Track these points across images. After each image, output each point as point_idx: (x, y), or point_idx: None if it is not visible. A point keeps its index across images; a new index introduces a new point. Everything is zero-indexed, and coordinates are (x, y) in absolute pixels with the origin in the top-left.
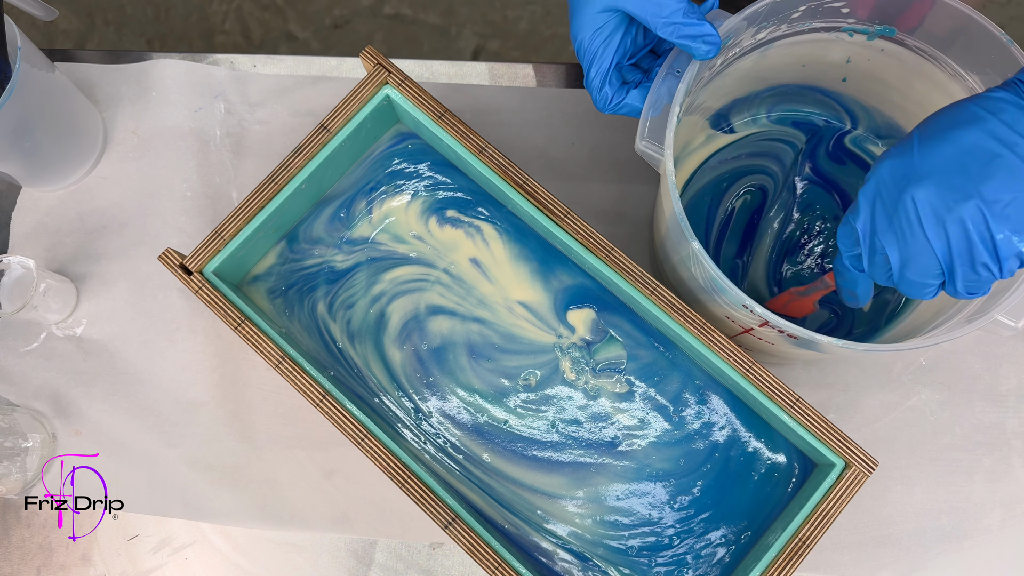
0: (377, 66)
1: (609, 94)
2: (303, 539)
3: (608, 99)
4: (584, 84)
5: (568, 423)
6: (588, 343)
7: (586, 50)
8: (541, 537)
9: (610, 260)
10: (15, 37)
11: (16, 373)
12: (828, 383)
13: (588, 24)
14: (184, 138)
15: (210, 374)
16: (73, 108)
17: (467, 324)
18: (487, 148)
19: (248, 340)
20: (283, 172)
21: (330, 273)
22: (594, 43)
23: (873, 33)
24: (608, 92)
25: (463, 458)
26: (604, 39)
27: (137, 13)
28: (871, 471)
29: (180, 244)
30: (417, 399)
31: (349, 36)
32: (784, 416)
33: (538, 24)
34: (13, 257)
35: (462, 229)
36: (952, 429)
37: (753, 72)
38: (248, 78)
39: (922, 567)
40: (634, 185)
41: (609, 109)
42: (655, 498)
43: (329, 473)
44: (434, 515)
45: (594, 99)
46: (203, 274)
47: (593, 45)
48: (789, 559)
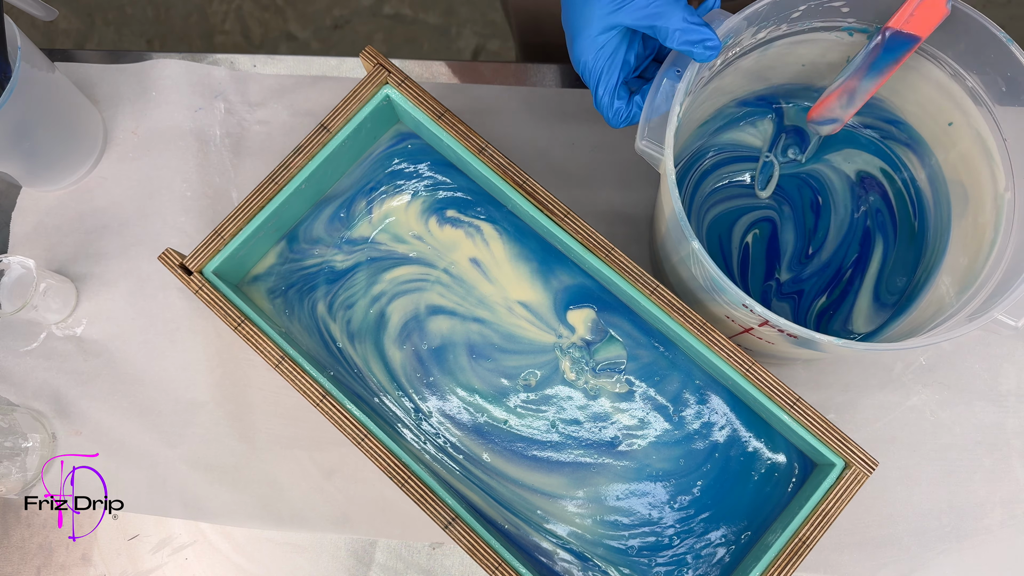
0: (377, 66)
1: (622, 109)
2: (303, 539)
3: (621, 114)
4: (594, 104)
5: (568, 423)
6: (588, 343)
7: (591, 71)
8: (541, 537)
9: (610, 260)
10: (15, 37)
11: (16, 373)
12: (828, 383)
13: (590, 46)
14: (184, 138)
15: (210, 374)
16: (73, 108)
17: (467, 324)
18: (487, 148)
19: (248, 340)
20: (283, 172)
21: (330, 273)
22: (599, 63)
23: (873, 33)
24: (620, 106)
25: (463, 458)
26: (608, 57)
27: (137, 13)
28: (871, 471)
29: (180, 244)
30: (417, 399)
31: (349, 36)
32: (784, 416)
33: None
34: (13, 257)
35: (462, 229)
36: (952, 429)
37: (753, 72)
38: (248, 78)
39: (922, 567)
40: (634, 185)
41: (623, 123)
42: (655, 498)
43: (329, 473)
44: (434, 515)
45: (607, 117)
46: (203, 274)
47: (598, 65)
48: (789, 559)
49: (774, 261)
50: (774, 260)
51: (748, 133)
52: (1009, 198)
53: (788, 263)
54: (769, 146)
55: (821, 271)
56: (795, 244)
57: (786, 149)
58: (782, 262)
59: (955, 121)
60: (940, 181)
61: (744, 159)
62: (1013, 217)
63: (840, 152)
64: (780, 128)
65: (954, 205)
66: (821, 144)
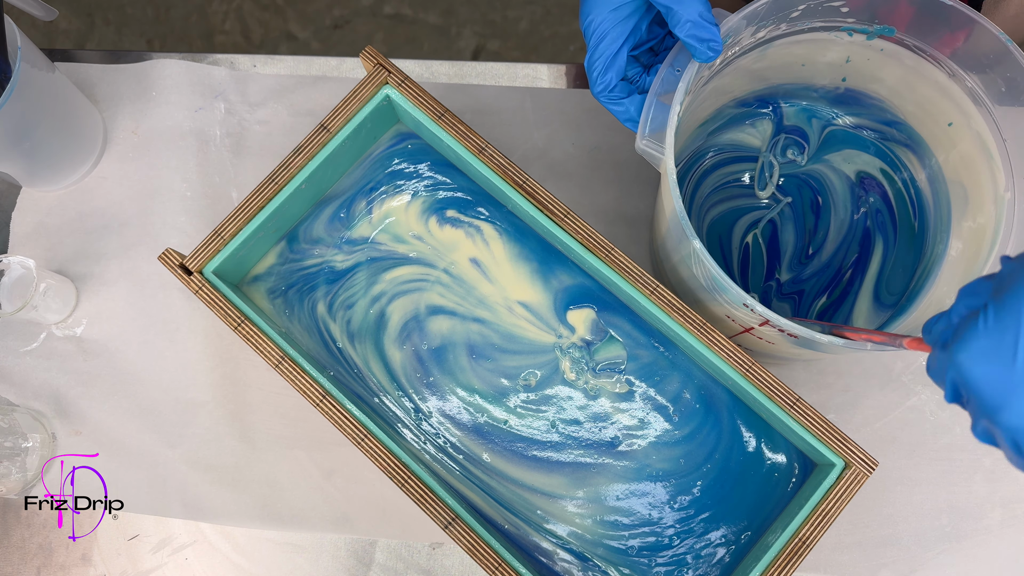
0: (377, 66)
1: (612, 79)
2: (303, 539)
3: (609, 85)
4: (585, 63)
5: (568, 423)
6: (588, 343)
7: (596, 28)
8: (541, 537)
9: (610, 260)
10: (15, 37)
11: (16, 373)
12: (828, 383)
13: (604, 4)
14: (184, 138)
15: (210, 374)
16: (73, 108)
17: (467, 324)
18: (487, 148)
19: (248, 340)
20: (283, 172)
21: (330, 273)
22: (607, 22)
23: (873, 33)
24: (611, 77)
25: (463, 458)
26: (619, 20)
27: (137, 13)
28: (871, 471)
29: (180, 244)
30: (417, 399)
31: (349, 36)
32: (784, 416)
33: (538, 24)
34: (13, 257)
35: (462, 229)
36: (952, 429)
37: (753, 71)
38: (248, 78)
39: (922, 567)
40: (634, 185)
41: (605, 95)
42: (655, 498)
43: (329, 473)
44: (434, 515)
45: (592, 79)
46: (203, 274)
47: (605, 24)
48: (789, 559)
49: (774, 261)
50: (774, 260)
51: (748, 133)
52: (1009, 198)
53: (788, 263)
54: (768, 146)
55: (821, 271)
56: (795, 244)
57: (785, 149)
58: (782, 262)
59: (955, 122)
60: (940, 181)
61: (744, 159)
62: (1013, 217)
63: (840, 152)
64: (779, 128)
65: (954, 205)
66: (821, 144)
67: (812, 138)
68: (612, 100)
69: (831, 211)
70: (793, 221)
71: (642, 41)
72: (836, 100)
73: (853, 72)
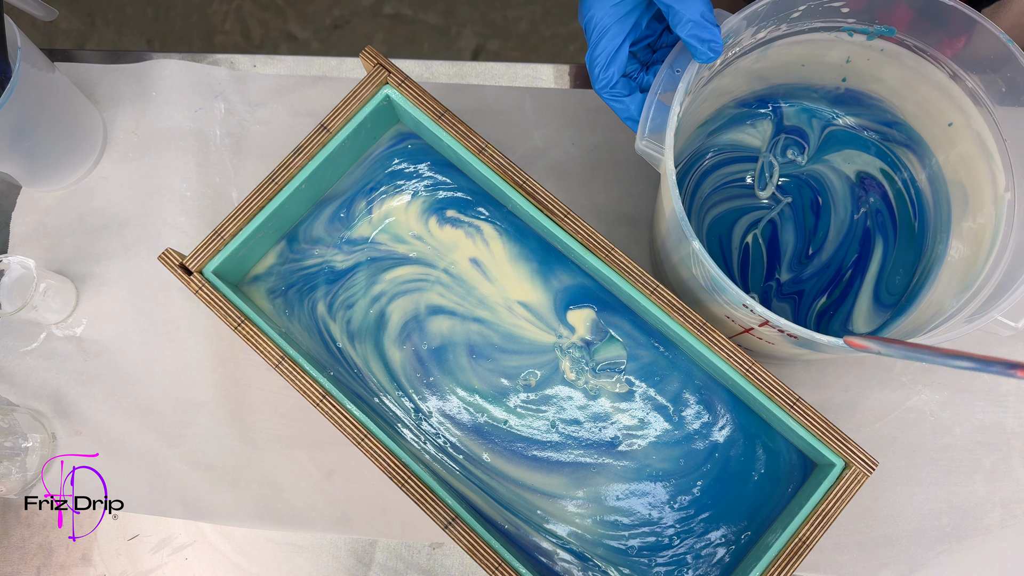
0: (377, 66)
1: (614, 75)
2: (303, 539)
3: (611, 81)
4: (586, 59)
5: (568, 423)
6: (588, 343)
7: (597, 24)
8: (541, 537)
9: (610, 260)
10: (15, 37)
11: (16, 373)
12: (828, 383)
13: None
14: (184, 138)
15: (210, 374)
16: (73, 108)
17: (467, 324)
18: (487, 148)
19: (248, 340)
20: (283, 172)
21: (330, 273)
22: (608, 18)
23: (873, 33)
24: (613, 73)
25: (463, 458)
26: (620, 17)
27: (137, 13)
28: (871, 471)
29: (180, 244)
30: (417, 399)
31: (349, 36)
32: (784, 416)
33: (538, 24)
34: (13, 257)
35: (462, 229)
36: (952, 429)
37: (753, 72)
38: (248, 78)
39: (922, 567)
40: (634, 185)
41: (607, 91)
42: (655, 498)
43: (329, 473)
44: (434, 515)
45: (594, 76)
46: (203, 274)
47: (606, 20)
48: (789, 559)
49: (774, 261)
50: (774, 260)
51: (748, 133)
52: (1009, 198)
53: (788, 263)
54: (768, 146)
55: (821, 271)
56: (795, 244)
57: (785, 149)
58: (782, 262)
59: (955, 122)
60: (940, 182)
61: (744, 159)
62: (1013, 217)
63: (840, 153)
64: (779, 128)
65: (954, 205)
66: (821, 144)
67: (812, 138)
68: (614, 97)
69: (831, 211)
70: (793, 221)
71: (641, 37)
72: (836, 100)
73: (853, 72)
